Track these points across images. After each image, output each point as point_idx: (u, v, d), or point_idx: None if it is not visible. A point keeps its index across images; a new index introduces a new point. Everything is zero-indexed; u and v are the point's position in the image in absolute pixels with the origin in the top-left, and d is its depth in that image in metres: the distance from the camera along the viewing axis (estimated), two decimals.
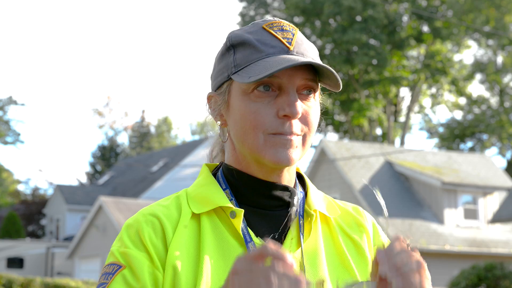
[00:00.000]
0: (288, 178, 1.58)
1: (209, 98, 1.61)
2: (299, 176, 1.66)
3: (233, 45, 1.55)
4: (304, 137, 1.54)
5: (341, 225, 1.62)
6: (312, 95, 1.55)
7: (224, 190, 1.58)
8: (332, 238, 1.60)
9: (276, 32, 1.54)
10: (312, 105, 1.55)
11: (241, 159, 1.57)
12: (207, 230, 1.53)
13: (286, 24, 1.56)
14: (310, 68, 1.54)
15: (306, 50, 1.55)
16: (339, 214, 1.63)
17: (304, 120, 1.53)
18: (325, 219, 1.62)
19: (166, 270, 1.48)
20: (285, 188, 1.57)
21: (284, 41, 1.53)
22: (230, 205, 1.53)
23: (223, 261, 1.50)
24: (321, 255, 1.56)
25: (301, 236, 1.54)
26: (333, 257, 1.58)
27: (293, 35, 1.55)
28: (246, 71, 1.51)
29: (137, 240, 1.51)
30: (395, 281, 1.34)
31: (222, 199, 1.54)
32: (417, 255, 1.37)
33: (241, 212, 1.52)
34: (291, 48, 1.52)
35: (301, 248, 1.53)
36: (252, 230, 1.54)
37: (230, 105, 1.56)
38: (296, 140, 1.52)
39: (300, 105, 1.51)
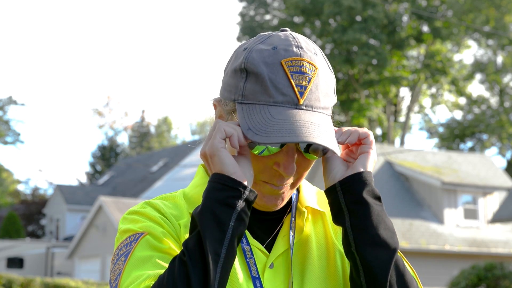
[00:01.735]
0: None
1: (215, 106, 1.59)
2: None
3: (246, 70, 1.50)
4: (294, 182, 1.55)
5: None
6: None
7: None
8: (325, 231, 1.63)
9: (292, 75, 1.47)
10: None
11: None
12: None
13: (307, 63, 1.48)
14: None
15: (318, 100, 1.49)
16: None
17: (298, 169, 1.53)
18: (319, 213, 1.64)
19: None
20: None
21: (296, 90, 1.47)
22: None
23: None
24: (310, 250, 1.58)
25: (291, 234, 1.57)
26: (324, 249, 1.60)
27: (310, 80, 1.48)
28: (249, 114, 1.47)
29: (149, 219, 1.53)
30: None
31: None
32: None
33: None
34: (301, 101, 1.47)
35: (291, 245, 1.56)
36: (249, 231, 1.57)
37: None
38: (285, 188, 1.54)
39: (295, 164, 1.50)
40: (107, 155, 57.08)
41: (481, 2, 36.55)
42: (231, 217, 1.38)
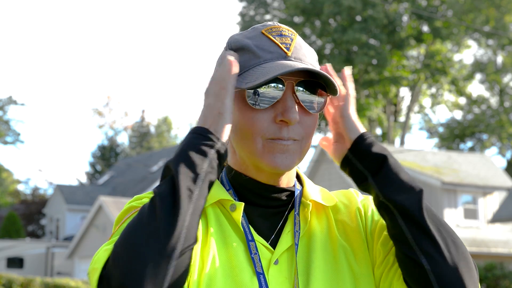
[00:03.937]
0: (286, 181, 1.62)
1: None
2: (296, 174, 1.69)
3: (232, 50, 1.57)
4: (301, 142, 1.56)
5: (335, 212, 1.66)
6: None
7: (228, 190, 1.60)
8: (329, 226, 1.64)
9: (274, 37, 1.56)
10: None
11: (241, 162, 1.60)
12: (212, 221, 1.56)
13: (285, 29, 1.58)
14: (308, 74, 1.55)
15: (305, 56, 1.56)
16: (336, 203, 1.67)
17: (302, 125, 1.55)
18: (323, 209, 1.65)
19: None
20: (284, 189, 1.61)
21: (282, 46, 1.55)
22: (230, 198, 1.56)
23: (225, 253, 1.53)
24: (315, 245, 1.59)
25: (295, 229, 1.58)
26: (328, 244, 1.61)
27: (292, 40, 1.56)
28: (243, 77, 1.53)
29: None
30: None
31: (223, 193, 1.57)
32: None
33: (241, 205, 1.55)
34: (289, 53, 1.54)
35: (296, 241, 1.57)
36: (254, 227, 1.58)
37: None
38: (293, 145, 1.55)
39: (297, 111, 1.52)
40: (107, 155, 57.08)
41: (481, 2, 36.54)
42: (203, 162, 1.42)
